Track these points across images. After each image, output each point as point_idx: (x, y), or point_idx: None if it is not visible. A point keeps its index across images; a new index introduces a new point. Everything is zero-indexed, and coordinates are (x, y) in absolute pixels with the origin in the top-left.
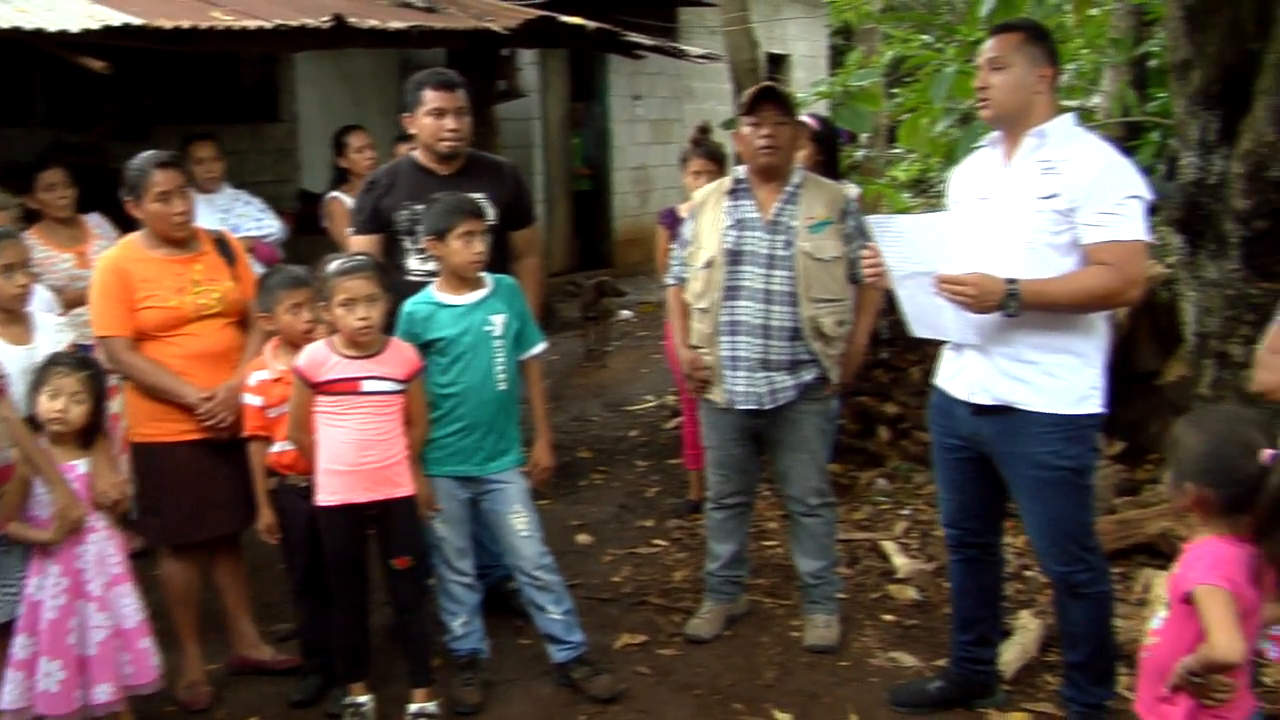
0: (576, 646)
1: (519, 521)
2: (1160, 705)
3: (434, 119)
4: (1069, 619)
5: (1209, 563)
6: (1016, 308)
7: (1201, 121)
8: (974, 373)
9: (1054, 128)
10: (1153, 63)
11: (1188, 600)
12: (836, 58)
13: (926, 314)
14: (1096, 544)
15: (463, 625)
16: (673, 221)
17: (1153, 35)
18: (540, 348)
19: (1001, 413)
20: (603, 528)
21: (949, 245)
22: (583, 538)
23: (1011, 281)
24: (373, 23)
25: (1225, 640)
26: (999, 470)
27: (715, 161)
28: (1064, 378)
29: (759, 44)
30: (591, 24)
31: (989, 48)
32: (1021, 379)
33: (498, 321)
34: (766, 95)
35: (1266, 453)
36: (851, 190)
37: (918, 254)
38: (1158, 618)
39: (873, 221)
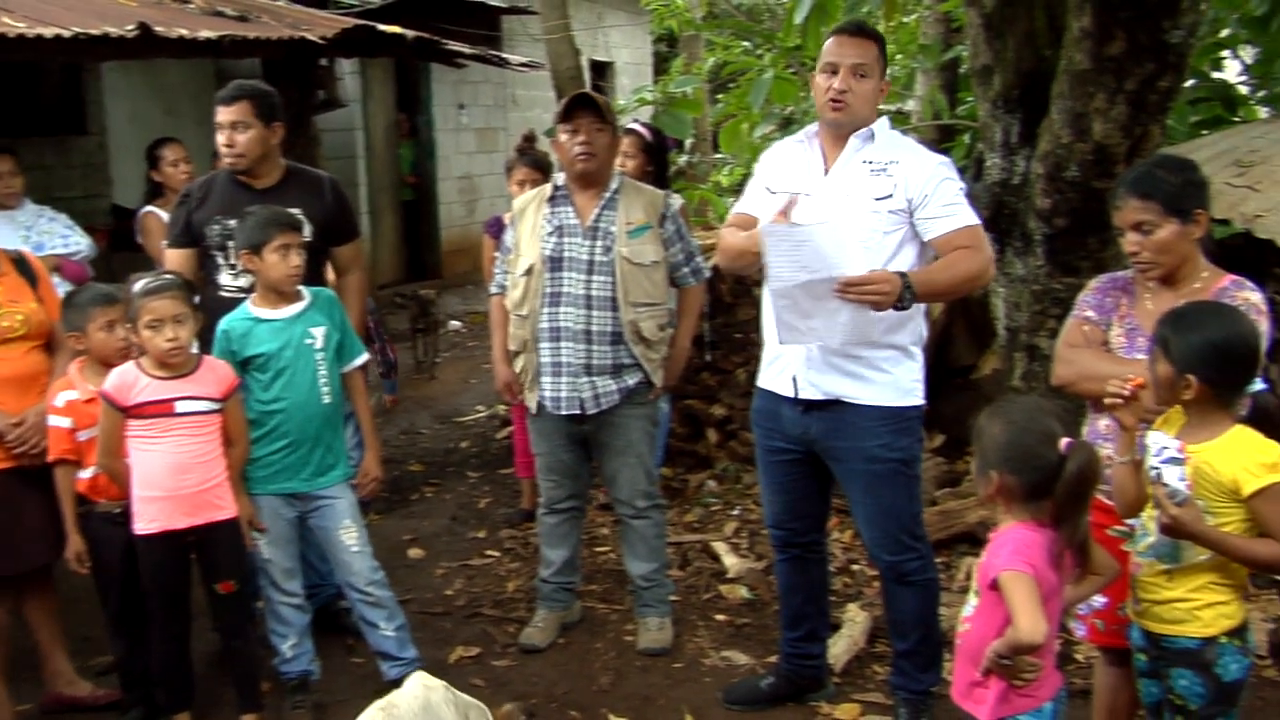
0: (410, 662)
1: (349, 537)
2: (974, 689)
3: (219, 133)
4: (898, 607)
5: (1012, 549)
6: (910, 299)
7: (1004, 124)
8: (802, 369)
9: (879, 129)
10: (962, 68)
11: (994, 587)
12: (660, 65)
13: (804, 320)
14: (924, 533)
15: (292, 647)
16: (498, 230)
17: (960, 42)
18: (363, 359)
19: (831, 408)
20: (435, 541)
21: (847, 248)
22: (415, 552)
23: (903, 275)
24: (181, 31)
25: (1029, 623)
26: (828, 466)
27: (540, 170)
28: (890, 371)
29: (581, 52)
30: (411, 33)
31: (852, 52)
32: (850, 374)
33: (318, 334)
34: (581, 102)
35: (1065, 441)
36: (675, 200)
37: (818, 261)
38: (969, 605)
39: (768, 231)
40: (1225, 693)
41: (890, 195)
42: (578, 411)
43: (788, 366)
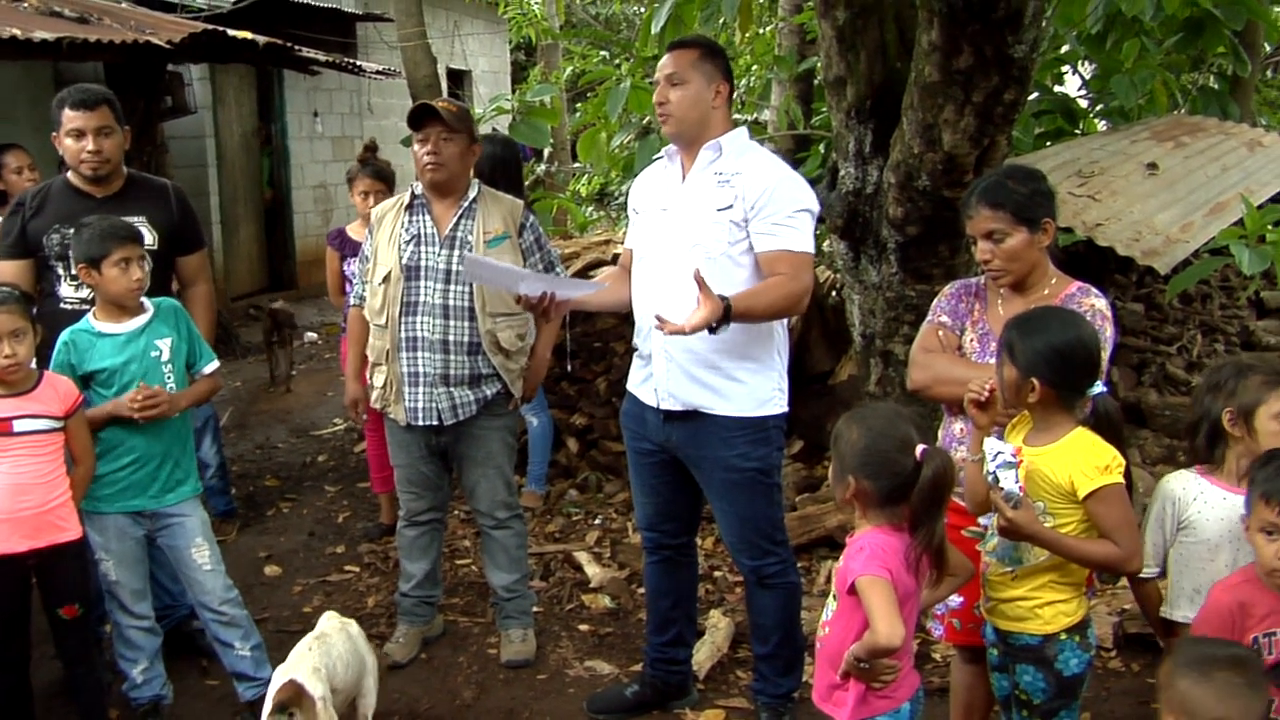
0: (266, 683)
1: (200, 556)
2: (834, 692)
3: (74, 140)
4: (760, 611)
5: (869, 554)
6: (725, 325)
7: (856, 135)
8: (662, 380)
9: (729, 140)
10: (817, 79)
11: (852, 591)
12: (519, 73)
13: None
14: (785, 538)
15: (143, 672)
16: (341, 243)
17: (814, 53)
18: (213, 365)
19: (690, 418)
20: (292, 557)
21: (503, 269)
22: (271, 569)
23: (725, 299)
24: (14, 32)
25: (887, 626)
26: (691, 473)
27: (383, 180)
28: (747, 382)
29: (438, 59)
30: (262, 39)
31: (666, 64)
32: (708, 385)
33: (164, 346)
34: (428, 112)
35: (920, 447)
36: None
37: (500, 278)
38: (828, 609)
39: (469, 261)
40: (1066, 687)
41: (731, 206)
42: (435, 422)
43: (650, 377)
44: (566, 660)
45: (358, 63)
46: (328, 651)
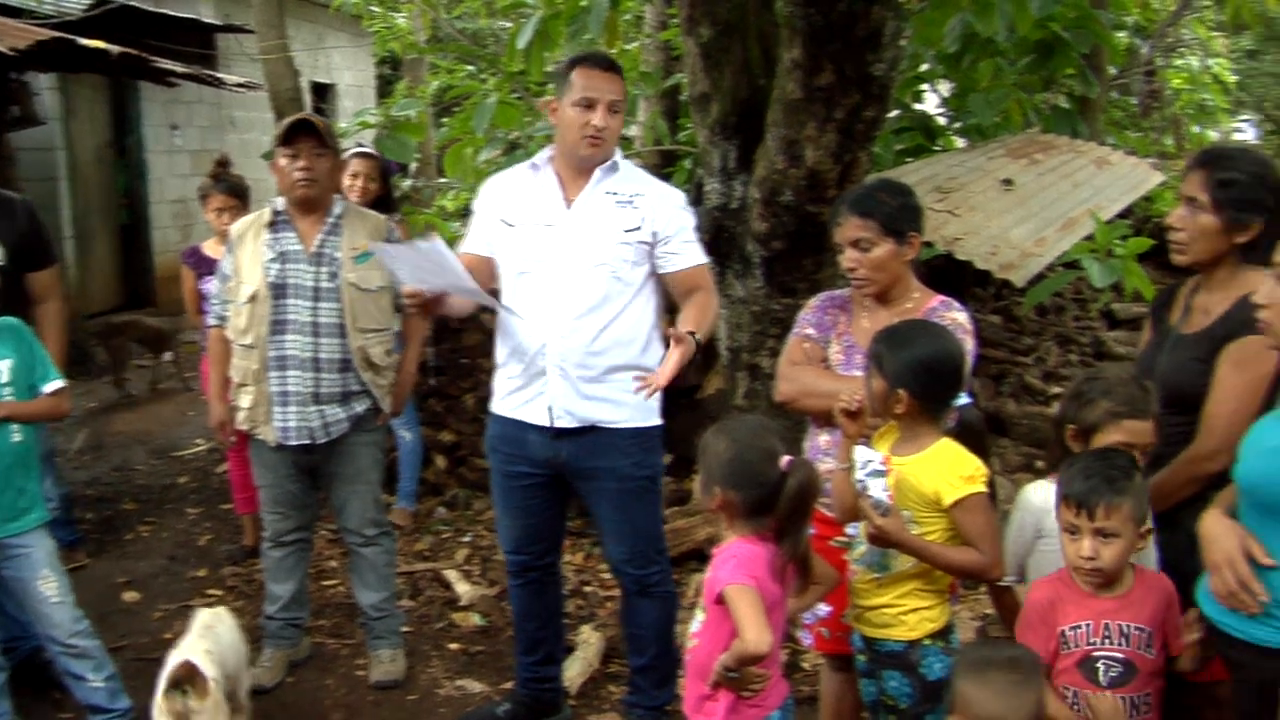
0: (124, 713)
1: (48, 587)
2: (704, 703)
3: None
4: (639, 622)
5: (735, 564)
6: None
7: (721, 151)
8: (558, 398)
9: (622, 161)
10: (682, 96)
11: (720, 601)
12: (384, 87)
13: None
14: (666, 547)
15: None
16: (197, 260)
17: (680, 70)
18: (55, 385)
19: (583, 432)
20: (151, 582)
21: (449, 266)
22: (130, 595)
23: (692, 333)
24: None
25: (754, 635)
26: (570, 487)
27: (238, 196)
28: (638, 393)
29: (301, 73)
30: (116, 48)
31: (608, 88)
32: (605, 399)
33: (3, 368)
34: (303, 127)
35: (785, 459)
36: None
37: (428, 274)
38: (696, 621)
39: (378, 249)
40: (931, 691)
41: (639, 227)
42: (308, 441)
43: (541, 395)
44: (437, 680)
45: (217, 75)
46: (217, 640)
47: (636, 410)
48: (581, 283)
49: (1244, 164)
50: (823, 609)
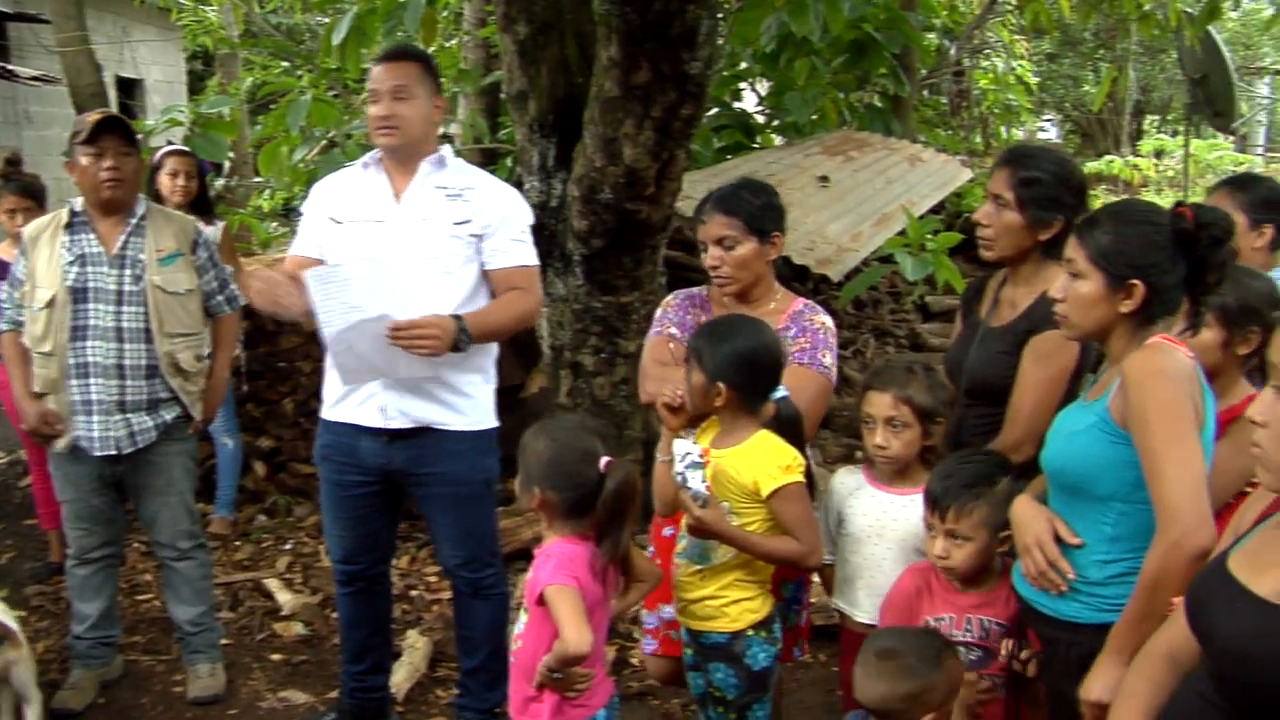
0: None
1: None
2: (530, 704)
3: None
4: (471, 624)
5: (555, 564)
6: (468, 343)
7: (540, 149)
8: (392, 398)
9: (449, 155)
10: (502, 93)
11: (541, 602)
12: (197, 83)
13: (366, 360)
14: (499, 548)
15: None
16: None
17: (499, 67)
18: None
19: (417, 435)
20: None
21: (389, 286)
22: None
23: (458, 318)
24: None
25: (575, 634)
26: (406, 494)
27: (32, 197)
28: (474, 395)
29: (104, 67)
30: None
31: (390, 76)
32: (440, 400)
33: None
34: (109, 125)
35: (605, 459)
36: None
37: (367, 298)
38: (520, 622)
39: (312, 276)
40: (756, 681)
41: (469, 220)
42: (113, 452)
43: (373, 397)
44: (259, 692)
45: (10, 67)
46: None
47: (474, 413)
48: (410, 278)
49: (1046, 164)
50: (667, 611)
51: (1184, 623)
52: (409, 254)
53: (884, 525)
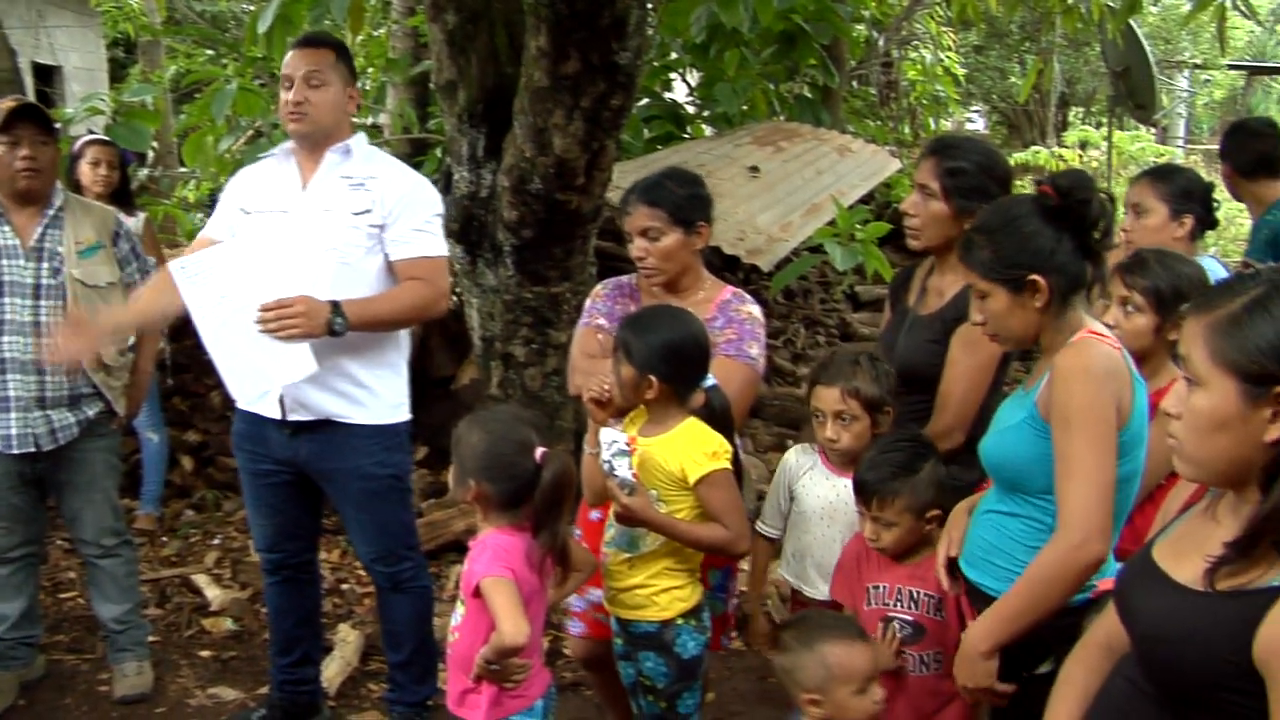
0: None
1: None
2: (467, 696)
3: None
4: (393, 618)
5: (491, 555)
6: (344, 327)
7: (470, 139)
8: (286, 391)
9: (357, 144)
10: (432, 83)
11: (477, 593)
12: (119, 71)
13: (253, 365)
14: (417, 542)
15: None
16: None
17: (429, 56)
18: None
19: (321, 429)
20: None
21: (260, 271)
22: None
23: (334, 303)
24: None
25: (512, 626)
26: (320, 486)
27: None
28: (376, 389)
29: (19, 52)
30: None
31: (300, 62)
32: (341, 393)
33: None
34: (24, 113)
35: (540, 450)
36: (134, 219)
37: (228, 287)
38: (456, 614)
39: (174, 267)
40: (686, 669)
41: (369, 210)
42: (33, 449)
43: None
44: (188, 690)
45: None
46: None
47: (378, 407)
48: (309, 268)
49: (971, 153)
50: (594, 594)
51: None
52: (311, 244)
53: (835, 509)
